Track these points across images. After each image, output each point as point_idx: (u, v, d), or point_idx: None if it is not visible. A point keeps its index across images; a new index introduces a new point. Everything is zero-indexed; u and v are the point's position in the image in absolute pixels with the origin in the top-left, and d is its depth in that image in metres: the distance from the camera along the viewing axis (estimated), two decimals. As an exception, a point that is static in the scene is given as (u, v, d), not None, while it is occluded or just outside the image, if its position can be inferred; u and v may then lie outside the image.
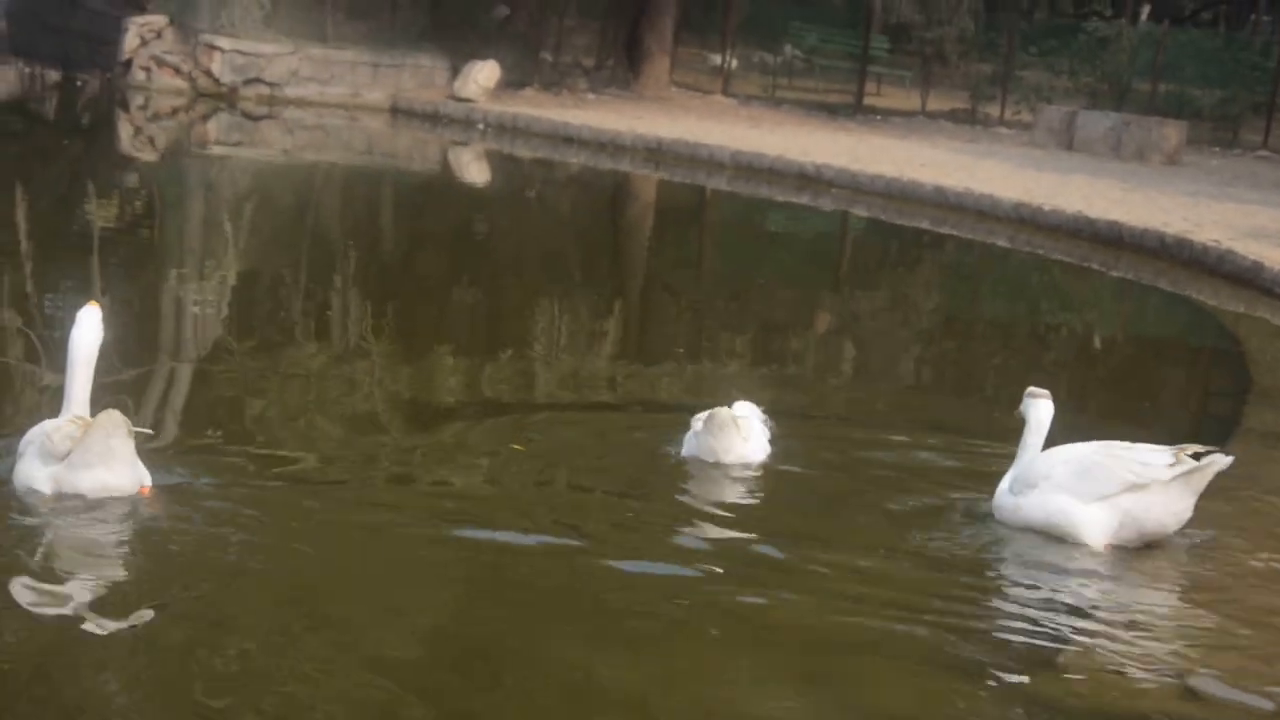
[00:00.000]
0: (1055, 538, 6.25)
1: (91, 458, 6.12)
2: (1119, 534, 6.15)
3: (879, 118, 34.35)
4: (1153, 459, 6.10)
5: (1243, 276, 15.37)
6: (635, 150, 25.56)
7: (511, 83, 31.29)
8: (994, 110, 35.03)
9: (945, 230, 19.56)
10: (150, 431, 6.67)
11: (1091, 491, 6.07)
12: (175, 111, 27.12)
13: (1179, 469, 6.01)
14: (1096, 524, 6.03)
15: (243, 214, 17.26)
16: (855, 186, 22.11)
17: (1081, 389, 11.35)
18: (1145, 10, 41.71)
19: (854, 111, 35.00)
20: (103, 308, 6.53)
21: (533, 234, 18.35)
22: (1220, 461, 6.15)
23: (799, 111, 34.12)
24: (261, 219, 17.09)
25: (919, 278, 17.23)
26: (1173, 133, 28.29)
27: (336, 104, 29.41)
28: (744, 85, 37.75)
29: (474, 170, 24.96)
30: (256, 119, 27.15)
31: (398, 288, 13.41)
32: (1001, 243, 18.81)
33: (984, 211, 19.97)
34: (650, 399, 9.53)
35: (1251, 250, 15.83)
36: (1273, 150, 31.93)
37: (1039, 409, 6.56)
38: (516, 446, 7.70)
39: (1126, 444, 6.32)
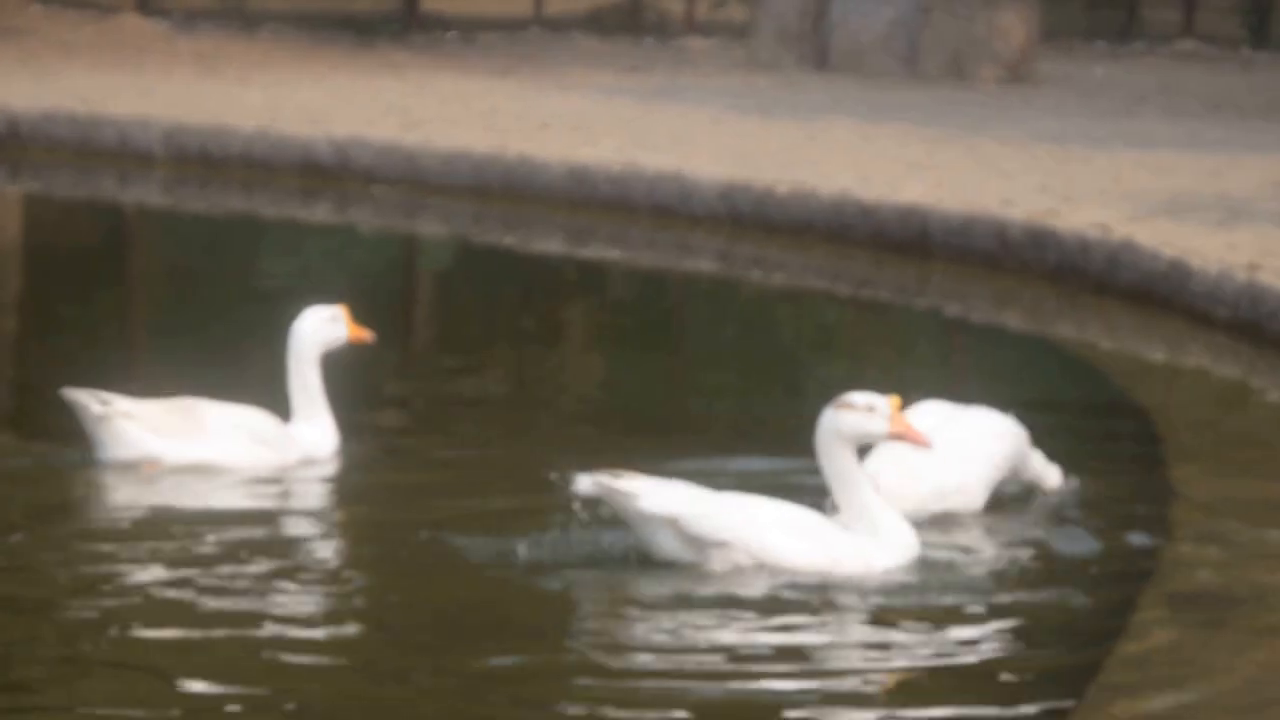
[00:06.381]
0: None
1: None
2: None
3: (452, 35, 26.00)
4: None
5: (1155, 289, 12.17)
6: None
7: None
8: (675, 6, 26.88)
9: (610, 254, 14.20)
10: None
11: None
12: None
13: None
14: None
15: None
16: (416, 178, 16.29)
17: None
18: None
19: (403, 28, 26.40)
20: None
21: None
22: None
23: (297, 38, 24.94)
24: None
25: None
26: (1016, 22, 21.35)
27: None
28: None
29: None
30: None
31: None
32: (705, 265, 13.74)
33: (669, 207, 14.45)
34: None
35: (1167, 239, 12.34)
36: (1201, 38, 24.61)
37: None
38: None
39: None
